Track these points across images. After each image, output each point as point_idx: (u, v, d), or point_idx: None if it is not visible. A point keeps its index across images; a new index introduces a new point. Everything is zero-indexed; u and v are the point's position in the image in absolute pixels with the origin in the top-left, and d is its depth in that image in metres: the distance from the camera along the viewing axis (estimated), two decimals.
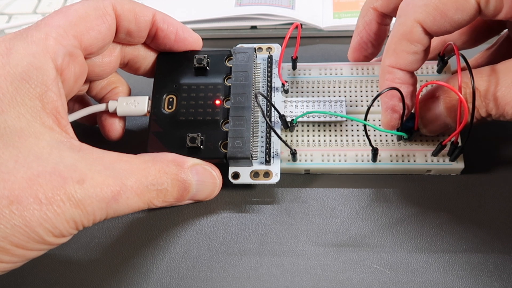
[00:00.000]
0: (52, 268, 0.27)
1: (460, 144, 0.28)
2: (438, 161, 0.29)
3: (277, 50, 0.31)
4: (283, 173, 0.29)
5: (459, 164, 0.29)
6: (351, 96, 0.31)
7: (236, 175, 0.28)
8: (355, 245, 0.27)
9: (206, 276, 0.27)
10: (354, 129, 0.30)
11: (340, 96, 0.31)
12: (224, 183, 0.28)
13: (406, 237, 0.27)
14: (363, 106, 0.31)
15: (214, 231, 0.28)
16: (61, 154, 0.22)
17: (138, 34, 0.28)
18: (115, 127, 0.30)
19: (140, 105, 0.30)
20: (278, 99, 0.31)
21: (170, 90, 0.30)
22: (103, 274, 0.27)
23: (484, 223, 0.27)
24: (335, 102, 0.30)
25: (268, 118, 0.29)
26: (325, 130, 0.30)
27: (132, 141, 0.32)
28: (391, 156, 0.29)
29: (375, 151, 0.28)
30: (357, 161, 0.29)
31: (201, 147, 0.28)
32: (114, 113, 0.30)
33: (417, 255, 0.27)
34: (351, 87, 0.31)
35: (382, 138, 0.30)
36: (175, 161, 0.26)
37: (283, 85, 0.30)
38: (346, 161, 0.29)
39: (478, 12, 0.24)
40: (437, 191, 0.29)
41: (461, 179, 0.29)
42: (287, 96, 0.31)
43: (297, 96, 0.31)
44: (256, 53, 0.31)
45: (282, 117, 0.29)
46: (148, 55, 0.30)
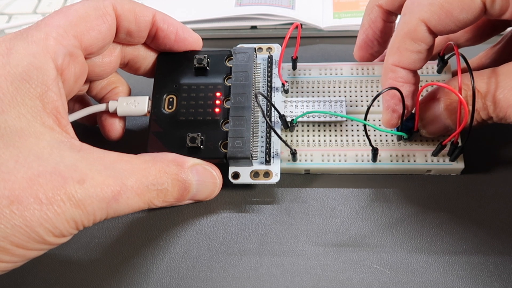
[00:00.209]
0: (52, 268, 0.27)
1: (460, 144, 0.28)
2: (438, 161, 0.29)
3: (277, 50, 0.31)
4: (283, 173, 0.29)
5: (459, 164, 0.29)
6: (351, 96, 0.31)
7: (236, 175, 0.28)
8: (355, 245, 0.27)
9: (206, 276, 0.27)
10: (354, 129, 0.30)
11: (340, 96, 0.31)
12: (224, 183, 0.28)
13: (406, 237, 0.27)
14: (363, 106, 0.30)
15: (214, 231, 0.28)
16: (61, 154, 0.22)
17: (138, 34, 0.28)
18: (115, 127, 0.30)
19: (140, 105, 0.30)
20: (278, 99, 0.31)
21: (170, 90, 0.30)
22: (103, 274, 0.27)
23: (484, 223, 0.27)
24: (335, 102, 0.30)
25: (268, 118, 0.29)
26: (325, 130, 0.30)
27: (132, 141, 0.32)
28: (391, 156, 0.29)
29: (375, 151, 0.28)
30: (357, 161, 0.29)
31: (201, 147, 0.28)
32: (114, 113, 0.30)
33: (417, 255, 0.27)
34: (351, 87, 0.31)
35: (382, 138, 0.30)
36: (175, 161, 0.26)
37: (283, 85, 0.30)
38: (346, 161, 0.29)
39: (483, 12, 0.24)
40: (437, 191, 0.29)
41: (461, 179, 0.29)
42: (287, 96, 0.31)
43: (297, 96, 0.31)
44: (256, 53, 0.31)
45: (282, 117, 0.29)
46: (148, 55, 0.30)
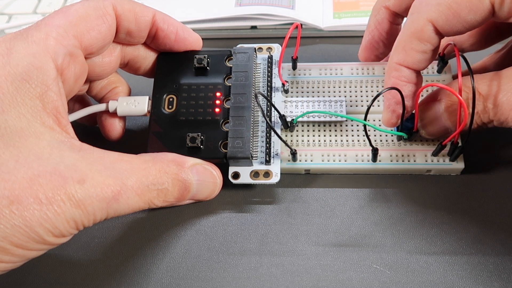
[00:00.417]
0: (52, 268, 0.27)
1: (460, 144, 0.28)
2: (438, 161, 0.29)
3: (277, 50, 0.31)
4: (283, 173, 0.29)
5: (459, 164, 0.29)
6: (351, 96, 0.31)
7: (236, 175, 0.28)
8: (355, 245, 0.27)
9: (206, 276, 0.27)
10: (354, 129, 0.30)
11: (340, 96, 0.31)
12: (224, 183, 0.28)
13: (406, 237, 0.27)
14: (363, 106, 0.30)
15: (214, 231, 0.28)
16: (61, 154, 0.22)
17: (138, 34, 0.28)
18: (115, 127, 0.30)
19: (140, 105, 0.30)
20: (278, 99, 0.30)
21: (170, 90, 0.30)
22: (103, 274, 0.27)
23: (485, 223, 0.27)
24: (335, 102, 0.30)
25: (268, 118, 0.29)
26: (325, 130, 0.30)
27: (132, 141, 0.32)
28: (391, 156, 0.29)
29: (375, 151, 0.28)
30: (357, 161, 0.29)
31: (201, 147, 0.28)
32: (114, 113, 0.30)
33: (417, 255, 0.27)
34: (351, 87, 0.31)
35: (382, 138, 0.30)
36: (176, 161, 0.26)
37: (283, 85, 0.30)
38: (346, 161, 0.29)
39: (491, 14, 0.23)
40: (437, 191, 0.29)
41: (461, 179, 0.29)
42: (287, 96, 0.31)
43: (297, 96, 0.31)
44: (256, 53, 0.31)
45: (282, 117, 0.29)
46: (148, 55, 0.30)
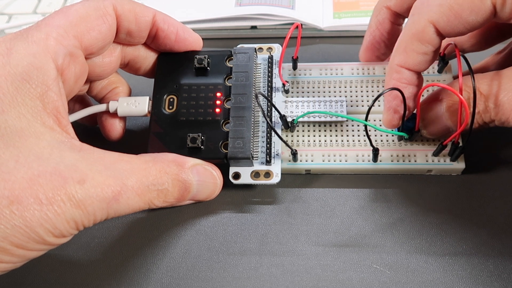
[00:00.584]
0: (52, 268, 0.27)
1: (461, 144, 0.28)
2: (439, 161, 0.29)
3: (277, 50, 0.31)
4: (284, 173, 0.29)
5: (460, 164, 0.28)
6: (352, 96, 0.31)
7: (236, 175, 0.28)
8: (355, 245, 0.27)
9: (206, 276, 0.27)
10: (355, 129, 0.30)
11: (340, 96, 0.31)
12: (225, 183, 0.28)
13: (406, 237, 0.27)
14: (364, 106, 0.30)
15: (214, 231, 0.28)
16: (61, 154, 0.22)
17: (139, 34, 0.28)
18: (116, 127, 0.30)
19: (141, 105, 0.29)
20: (278, 99, 0.30)
21: (170, 90, 0.30)
22: (103, 274, 0.27)
23: (485, 223, 0.27)
24: (336, 102, 0.30)
25: (268, 118, 0.29)
26: (325, 130, 0.30)
27: (132, 141, 0.32)
28: (392, 156, 0.29)
29: (375, 151, 0.28)
30: (357, 161, 0.29)
31: (201, 147, 0.28)
32: (115, 113, 0.30)
33: (417, 255, 0.27)
34: (351, 87, 0.31)
35: (382, 138, 0.29)
36: (176, 161, 0.26)
37: (283, 85, 0.30)
38: (346, 161, 0.29)
39: (493, 15, 0.23)
40: (437, 191, 0.29)
41: (462, 179, 0.29)
42: (287, 96, 0.31)
43: (297, 96, 0.31)
44: (256, 53, 0.31)
45: (282, 117, 0.29)
46: (148, 55, 0.30)
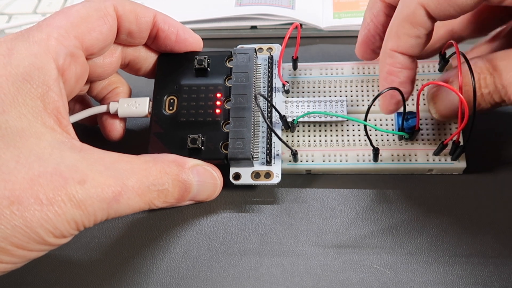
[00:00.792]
0: (52, 268, 0.27)
1: (461, 143, 0.28)
2: (440, 160, 0.29)
3: (277, 50, 0.31)
4: (284, 173, 0.29)
5: (461, 164, 0.28)
6: (352, 95, 0.31)
7: (237, 176, 0.28)
8: (355, 245, 0.27)
9: (206, 276, 0.27)
10: (355, 129, 0.30)
11: (341, 96, 0.31)
12: (225, 183, 0.28)
13: (406, 237, 0.27)
14: (364, 105, 0.30)
15: (214, 231, 0.28)
16: (62, 155, 0.22)
17: (139, 35, 0.28)
18: (116, 128, 0.30)
19: (141, 106, 0.29)
20: (279, 100, 0.30)
21: (171, 91, 0.30)
22: (103, 274, 0.27)
23: (486, 223, 0.27)
24: (336, 102, 0.30)
25: (268, 118, 0.29)
26: (326, 130, 0.30)
27: (133, 141, 0.32)
28: (393, 156, 0.29)
29: (376, 151, 0.28)
30: (358, 161, 0.29)
31: (202, 148, 0.28)
32: (115, 114, 0.30)
33: (417, 255, 0.27)
34: (351, 86, 0.31)
35: (383, 138, 0.29)
36: (176, 161, 0.26)
37: (283, 85, 0.30)
38: (347, 161, 0.29)
39: None
40: (438, 191, 0.29)
41: (463, 179, 0.29)
42: (287, 97, 0.31)
43: (297, 97, 0.31)
44: (256, 53, 0.30)
45: (282, 117, 0.29)
46: (149, 56, 0.30)
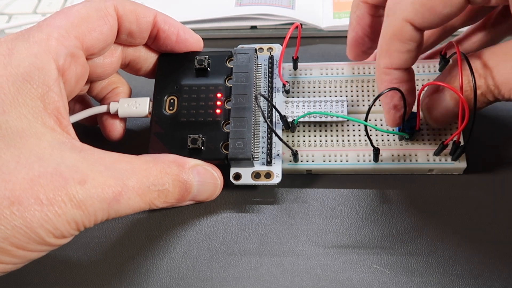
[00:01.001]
0: (52, 268, 0.27)
1: (462, 143, 0.28)
2: (440, 160, 0.29)
3: (278, 50, 0.31)
4: (285, 173, 0.29)
5: (462, 164, 0.28)
6: (353, 95, 0.31)
7: (237, 176, 0.28)
8: (355, 245, 0.27)
9: (206, 276, 0.27)
10: (356, 129, 0.30)
11: (341, 96, 0.31)
12: (225, 184, 0.28)
13: (406, 237, 0.27)
14: (365, 105, 0.30)
15: (214, 231, 0.28)
16: (62, 155, 0.22)
17: (140, 35, 0.28)
18: (116, 128, 0.30)
19: (141, 106, 0.29)
20: (279, 100, 0.30)
21: (171, 91, 0.30)
22: (103, 274, 0.27)
23: (486, 223, 0.27)
24: (337, 102, 0.30)
25: (269, 119, 0.29)
26: (326, 130, 0.30)
27: (133, 141, 0.32)
28: (393, 156, 0.29)
29: (376, 151, 0.28)
30: (358, 161, 0.29)
31: (202, 148, 0.28)
32: (116, 114, 0.30)
33: (417, 255, 0.27)
34: (352, 86, 0.31)
35: (383, 138, 0.29)
36: (176, 161, 0.26)
37: (284, 85, 0.30)
38: (347, 161, 0.29)
39: (466, 3, 0.23)
40: (439, 191, 0.29)
41: (463, 179, 0.29)
42: (288, 97, 0.31)
43: (298, 97, 0.31)
44: (257, 53, 0.30)
45: (283, 117, 0.29)
46: (149, 56, 0.30)
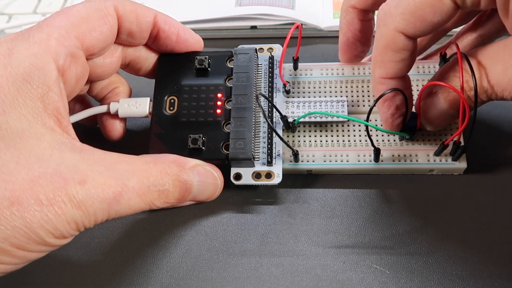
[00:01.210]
0: (52, 268, 0.27)
1: (462, 143, 0.28)
2: (441, 160, 0.29)
3: (278, 50, 0.31)
4: (285, 173, 0.29)
5: (462, 164, 0.28)
6: (353, 96, 0.31)
7: (238, 176, 0.28)
8: (355, 245, 0.27)
9: (206, 276, 0.27)
10: (356, 129, 0.30)
11: (342, 96, 0.31)
12: (226, 184, 0.28)
13: (406, 237, 0.27)
14: (365, 106, 0.30)
15: (214, 231, 0.28)
16: (62, 155, 0.22)
17: (140, 35, 0.28)
18: (116, 127, 0.30)
19: (142, 106, 0.29)
20: (279, 100, 0.30)
21: (171, 91, 0.30)
22: (103, 274, 0.27)
23: (487, 223, 0.27)
24: (337, 102, 0.30)
25: (269, 119, 0.29)
26: (327, 130, 0.30)
27: (133, 142, 0.32)
28: (393, 156, 0.29)
29: (377, 151, 0.28)
30: (359, 161, 0.29)
31: (202, 148, 0.28)
32: (116, 114, 0.30)
33: (417, 255, 0.27)
34: (352, 87, 0.31)
35: (384, 138, 0.29)
36: (177, 162, 0.26)
37: (284, 85, 0.30)
38: (348, 161, 0.29)
39: (456, 9, 0.23)
40: (439, 191, 0.29)
41: (463, 179, 0.29)
42: (288, 97, 0.31)
43: (298, 97, 0.31)
44: (257, 53, 0.30)
45: (283, 117, 0.29)
46: (149, 56, 0.30)
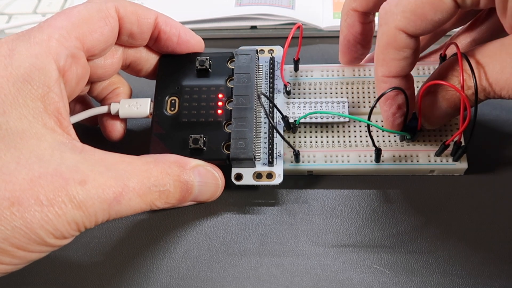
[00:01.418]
0: (52, 268, 0.27)
1: (463, 144, 0.28)
2: (442, 161, 0.29)
3: (278, 51, 0.31)
4: (286, 174, 0.29)
5: (463, 164, 0.28)
6: (354, 97, 0.31)
7: (239, 177, 0.28)
8: (355, 245, 0.27)
9: (206, 276, 0.27)
10: (357, 129, 0.30)
11: (342, 97, 0.31)
12: (227, 184, 0.28)
13: (406, 237, 0.27)
14: (366, 107, 0.30)
15: (214, 231, 0.28)
16: (62, 156, 0.22)
17: (141, 36, 0.28)
18: (117, 128, 0.30)
19: (142, 107, 0.29)
20: (280, 101, 0.30)
21: (172, 92, 0.30)
22: (103, 274, 0.27)
23: (487, 224, 0.27)
24: (338, 103, 0.30)
25: (270, 119, 0.29)
26: (327, 131, 0.30)
27: (134, 142, 0.32)
28: (394, 156, 0.29)
29: (378, 152, 0.28)
30: (360, 162, 0.29)
31: (203, 148, 0.28)
32: (116, 115, 0.30)
33: (417, 255, 0.27)
34: (353, 88, 0.31)
35: (385, 139, 0.29)
36: (178, 162, 0.26)
37: (285, 86, 0.30)
38: (349, 162, 0.29)
39: (457, 8, 0.23)
40: (440, 191, 0.29)
41: (464, 179, 0.29)
42: (289, 98, 0.31)
43: (299, 98, 0.31)
44: (258, 54, 0.30)
45: (284, 118, 0.29)
46: (150, 57, 0.30)
